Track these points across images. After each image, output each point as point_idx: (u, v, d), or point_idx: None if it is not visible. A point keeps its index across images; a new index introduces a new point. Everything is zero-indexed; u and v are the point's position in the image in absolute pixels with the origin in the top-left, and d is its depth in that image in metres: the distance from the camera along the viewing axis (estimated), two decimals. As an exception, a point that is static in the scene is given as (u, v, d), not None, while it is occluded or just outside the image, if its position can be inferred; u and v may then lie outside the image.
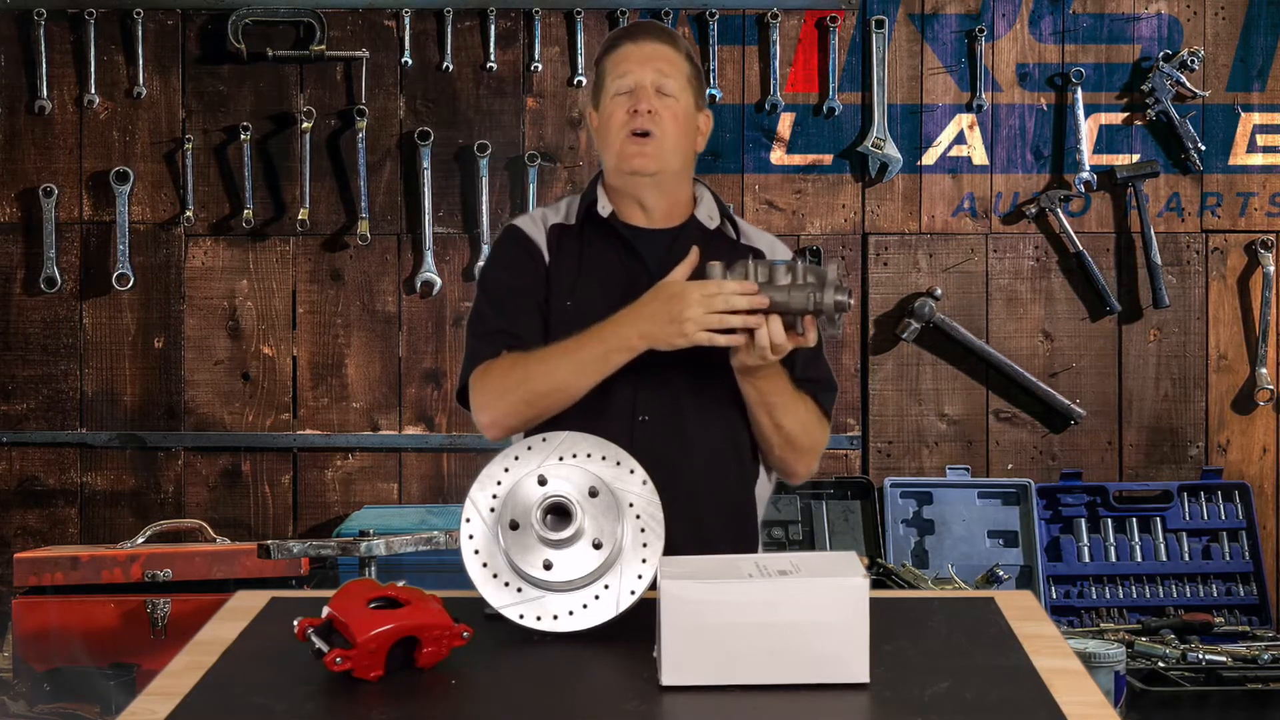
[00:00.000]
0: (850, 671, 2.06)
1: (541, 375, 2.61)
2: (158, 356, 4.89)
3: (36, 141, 4.86)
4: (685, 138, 2.75)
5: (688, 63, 2.77)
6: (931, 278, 4.93)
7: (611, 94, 2.73)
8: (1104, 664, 3.81)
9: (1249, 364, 4.96)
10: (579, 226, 2.78)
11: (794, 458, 2.75)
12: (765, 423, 2.69)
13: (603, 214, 2.77)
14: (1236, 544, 4.85)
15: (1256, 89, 4.95)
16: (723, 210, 2.83)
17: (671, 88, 2.72)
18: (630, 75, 2.72)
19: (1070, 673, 2.13)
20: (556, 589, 2.31)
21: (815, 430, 2.74)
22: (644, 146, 2.70)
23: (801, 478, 2.81)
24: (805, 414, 2.72)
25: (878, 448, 4.95)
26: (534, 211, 2.86)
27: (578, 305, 2.71)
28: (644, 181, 2.74)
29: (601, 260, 2.75)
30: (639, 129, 2.69)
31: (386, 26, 4.88)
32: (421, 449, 4.90)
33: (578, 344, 2.60)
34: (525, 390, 2.62)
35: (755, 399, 2.66)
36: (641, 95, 2.70)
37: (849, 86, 4.92)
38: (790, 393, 2.68)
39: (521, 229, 2.80)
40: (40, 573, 4.24)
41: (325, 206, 4.88)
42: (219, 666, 2.19)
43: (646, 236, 2.76)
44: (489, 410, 2.67)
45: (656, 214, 2.78)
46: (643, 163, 2.71)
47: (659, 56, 2.73)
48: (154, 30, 4.86)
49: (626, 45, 2.76)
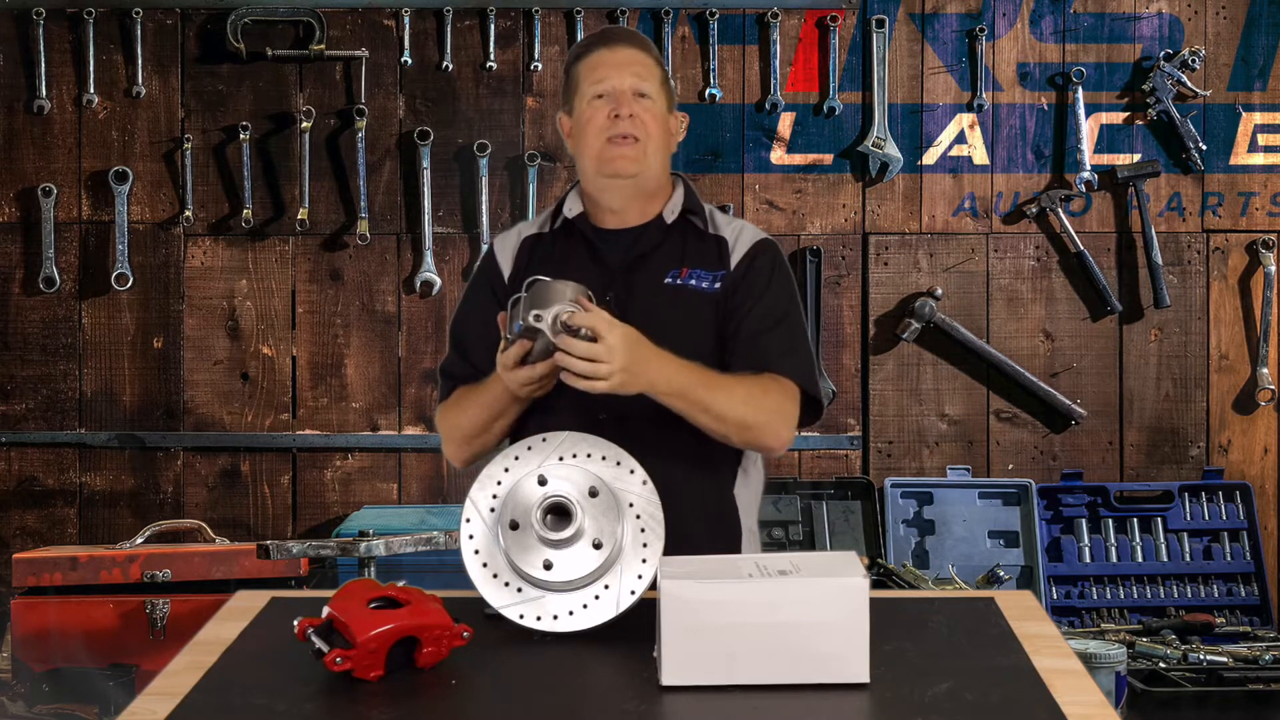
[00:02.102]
0: (850, 671, 2.06)
1: (466, 420, 2.76)
2: (157, 356, 4.88)
3: (35, 141, 4.86)
4: (664, 137, 2.79)
5: (659, 67, 2.82)
6: (932, 277, 4.92)
7: (588, 98, 2.76)
8: (1105, 664, 3.81)
9: (1250, 364, 4.95)
10: (551, 234, 2.84)
11: (755, 435, 2.67)
12: (705, 420, 2.63)
13: (569, 215, 2.82)
14: (1238, 544, 4.84)
15: (1258, 88, 4.94)
16: (689, 204, 2.83)
17: (649, 90, 2.76)
18: (608, 80, 2.75)
19: (1070, 673, 2.13)
20: (556, 589, 2.31)
21: (763, 399, 2.65)
22: (625, 150, 2.73)
23: (778, 450, 2.74)
24: (744, 389, 2.64)
25: (878, 448, 4.94)
26: (522, 223, 2.95)
27: None
28: (623, 184, 2.77)
29: (565, 265, 2.76)
30: (622, 133, 2.73)
31: (386, 26, 4.88)
32: (421, 449, 4.90)
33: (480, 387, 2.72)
34: (460, 432, 2.78)
35: (681, 408, 2.61)
36: (622, 100, 2.74)
37: (849, 86, 4.91)
38: (712, 382, 2.62)
39: (493, 250, 2.91)
40: (39, 573, 4.23)
41: (325, 206, 4.87)
42: (219, 666, 2.19)
43: (611, 237, 2.80)
44: (445, 447, 2.86)
45: (627, 214, 2.81)
46: (624, 165, 2.74)
47: (634, 61, 2.77)
48: (153, 30, 4.86)
49: (601, 51, 2.79)
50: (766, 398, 2.67)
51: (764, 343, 2.72)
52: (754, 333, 2.72)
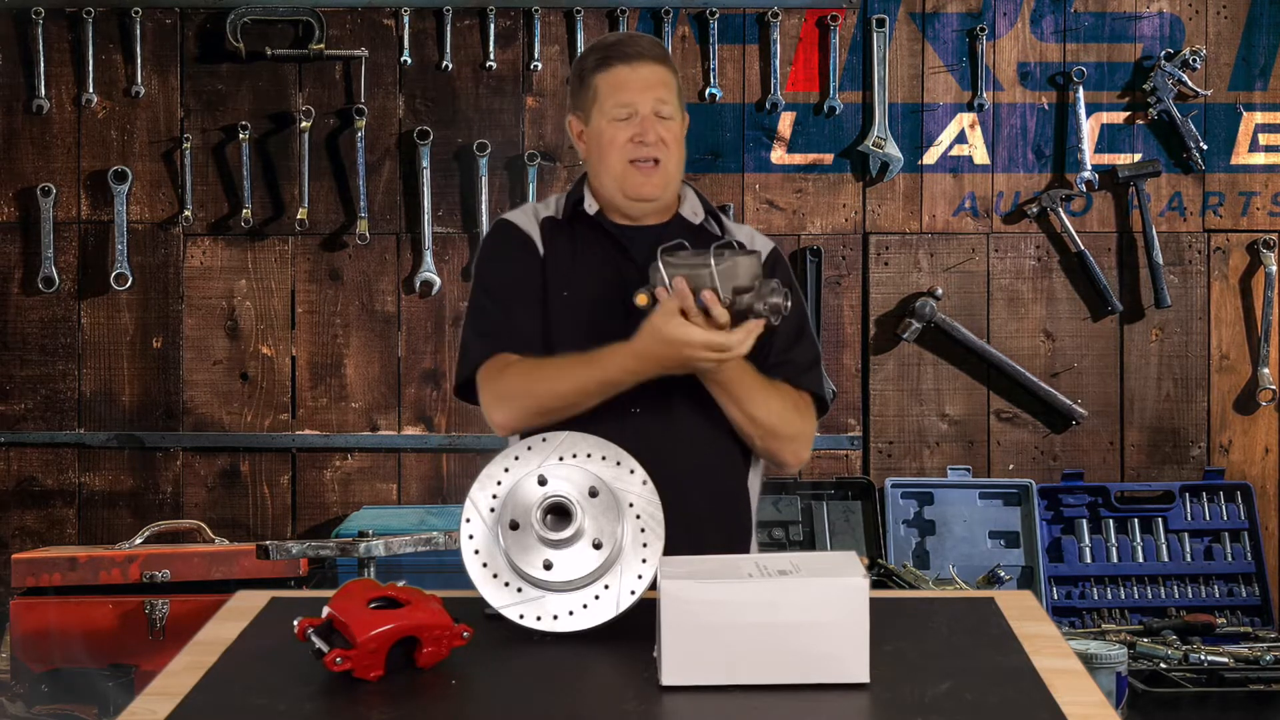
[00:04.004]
0: (850, 671, 2.06)
1: (548, 392, 2.68)
2: (156, 356, 4.88)
3: (34, 141, 4.86)
4: (682, 153, 2.83)
5: (675, 78, 2.83)
6: (932, 277, 4.92)
7: (609, 118, 2.77)
8: (1105, 665, 3.81)
9: (1251, 364, 4.95)
10: (568, 222, 2.85)
11: (777, 446, 2.77)
12: (737, 416, 2.73)
13: (589, 212, 2.84)
14: (1238, 545, 4.84)
15: (1259, 88, 4.94)
16: (707, 207, 2.90)
17: (669, 111, 2.78)
18: (631, 104, 2.76)
19: (1071, 673, 2.13)
20: (556, 589, 2.31)
21: (794, 417, 2.77)
22: (651, 176, 2.77)
23: (792, 466, 2.85)
24: (780, 402, 2.74)
25: (879, 448, 4.94)
26: (524, 206, 2.93)
27: (575, 296, 2.78)
28: (645, 206, 2.81)
29: (593, 252, 2.81)
30: (647, 158, 2.76)
31: (385, 25, 4.87)
32: (420, 449, 4.89)
33: (585, 368, 2.66)
34: (534, 401, 2.68)
35: (719, 394, 2.70)
36: (647, 125, 2.75)
37: (850, 85, 4.91)
38: (758, 384, 2.71)
39: (514, 222, 2.86)
40: (38, 573, 4.23)
41: (324, 206, 4.87)
42: (219, 666, 2.19)
43: (634, 233, 2.82)
44: (500, 412, 2.73)
45: (644, 217, 2.85)
46: (651, 190, 2.78)
47: (659, 83, 2.78)
48: (152, 29, 4.86)
49: (622, 69, 2.78)
50: (797, 416, 2.77)
51: (792, 357, 2.80)
52: (783, 347, 2.79)
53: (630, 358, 2.62)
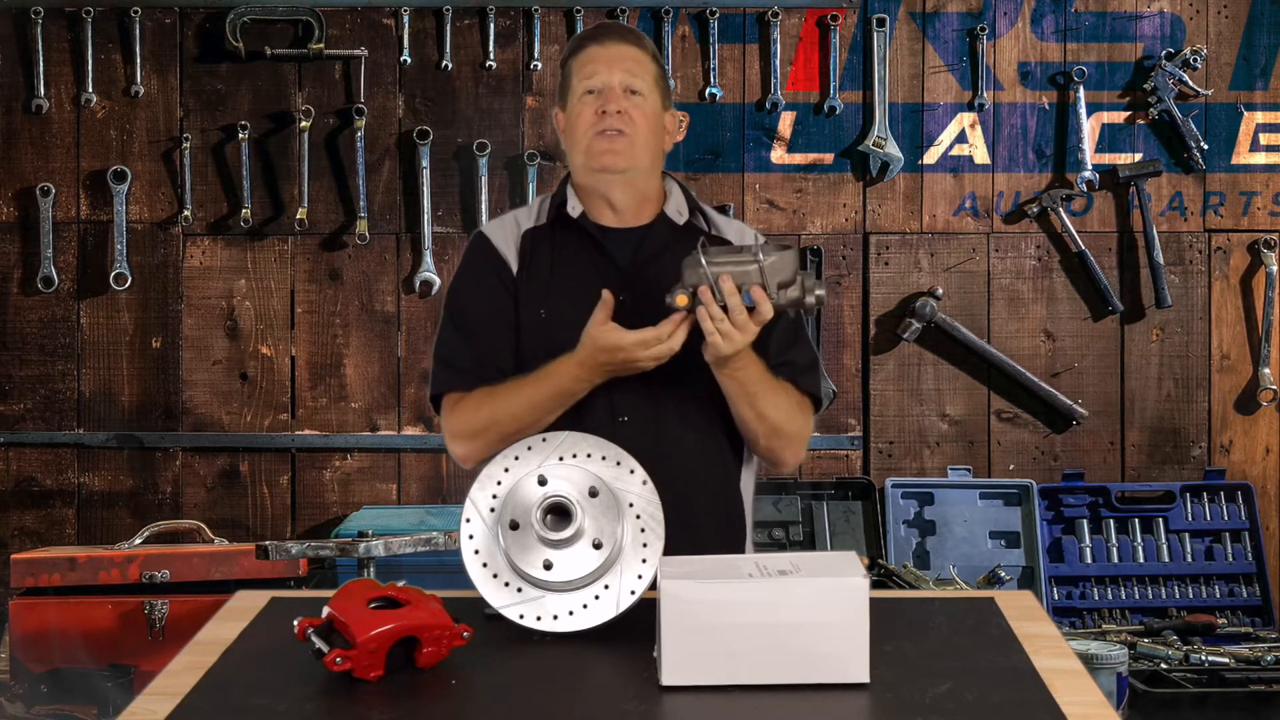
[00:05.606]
0: (850, 671, 2.05)
1: (507, 418, 2.68)
2: (155, 356, 4.88)
3: (34, 141, 4.85)
4: (654, 135, 2.79)
5: (654, 64, 2.81)
6: (933, 277, 4.92)
7: (579, 94, 2.77)
8: (1106, 665, 3.81)
9: (1252, 364, 4.94)
10: (550, 227, 2.82)
11: (780, 445, 2.76)
12: (748, 414, 2.71)
13: (572, 214, 2.81)
14: (1239, 545, 4.83)
15: (1259, 88, 4.94)
16: (692, 204, 2.87)
17: (640, 86, 2.76)
18: (598, 76, 2.75)
19: (1071, 673, 2.13)
20: (556, 589, 2.31)
21: (798, 416, 2.77)
22: (614, 144, 2.73)
23: (789, 466, 2.84)
24: (786, 401, 2.74)
25: (879, 448, 4.93)
26: (505, 217, 2.89)
27: (551, 316, 2.75)
28: (613, 179, 2.77)
29: (573, 262, 2.78)
30: (609, 128, 2.73)
31: (385, 25, 4.87)
32: (420, 449, 4.89)
33: (535, 385, 2.67)
34: (494, 431, 2.67)
35: (735, 391, 2.68)
36: (610, 95, 2.74)
37: (850, 85, 4.91)
38: (769, 381, 2.70)
39: (490, 240, 2.83)
40: (37, 574, 4.22)
41: (324, 206, 4.87)
42: (219, 667, 2.18)
43: (616, 236, 2.80)
44: (462, 445, 2.75)
45: (626, 212, 2.81)
46: (612, 159, 2.74)
47: (626, 57, 2.77)
48: (152, 29, 4.85)
49: (592, 47, 2.79)
50: (801, 416, 2.77)
51: (792, 358, 2.79)
52: (781, 348, 2.78)
53: (575, 366, 2.63)
